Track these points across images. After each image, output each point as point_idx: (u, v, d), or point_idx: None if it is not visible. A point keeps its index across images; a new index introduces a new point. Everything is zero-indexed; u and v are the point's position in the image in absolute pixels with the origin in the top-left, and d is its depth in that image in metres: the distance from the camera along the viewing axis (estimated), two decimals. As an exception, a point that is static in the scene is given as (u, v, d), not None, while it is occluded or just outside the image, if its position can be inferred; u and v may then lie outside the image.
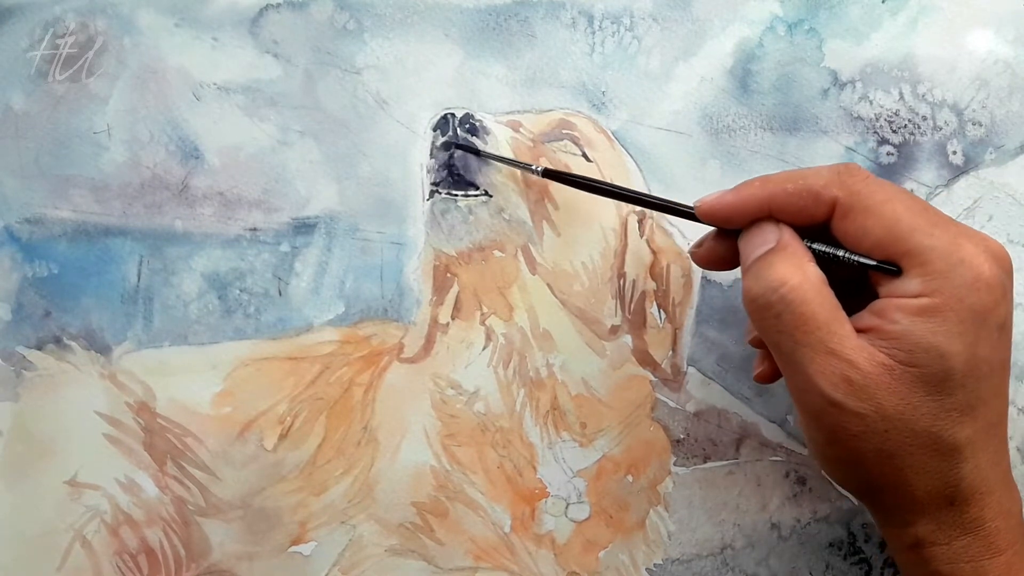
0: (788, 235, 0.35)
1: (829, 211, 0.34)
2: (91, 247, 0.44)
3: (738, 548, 0.44)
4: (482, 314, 0.44)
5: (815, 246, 0.35)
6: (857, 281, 0.35)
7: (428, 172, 0.44)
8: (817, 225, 0.35)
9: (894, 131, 0.45)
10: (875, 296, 0.34)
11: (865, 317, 0.34)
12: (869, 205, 0.33)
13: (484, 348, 0.44)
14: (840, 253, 0.35)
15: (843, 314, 0.33)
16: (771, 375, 0.39)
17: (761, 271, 0.34)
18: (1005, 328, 0.33)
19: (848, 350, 0.32)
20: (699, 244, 0.39)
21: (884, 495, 0.35)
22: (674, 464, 0.44)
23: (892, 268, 0.33)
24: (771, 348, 0.35)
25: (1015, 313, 0.44)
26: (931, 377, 0.32)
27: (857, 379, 0.32)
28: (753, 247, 0.35)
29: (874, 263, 0.34)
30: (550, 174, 0.41)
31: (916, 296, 0.32)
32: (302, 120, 0.44)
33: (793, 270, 0.34)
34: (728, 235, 0.37)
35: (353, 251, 0.44)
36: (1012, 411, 0.45)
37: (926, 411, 0.32)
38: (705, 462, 0.44)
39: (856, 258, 0.34)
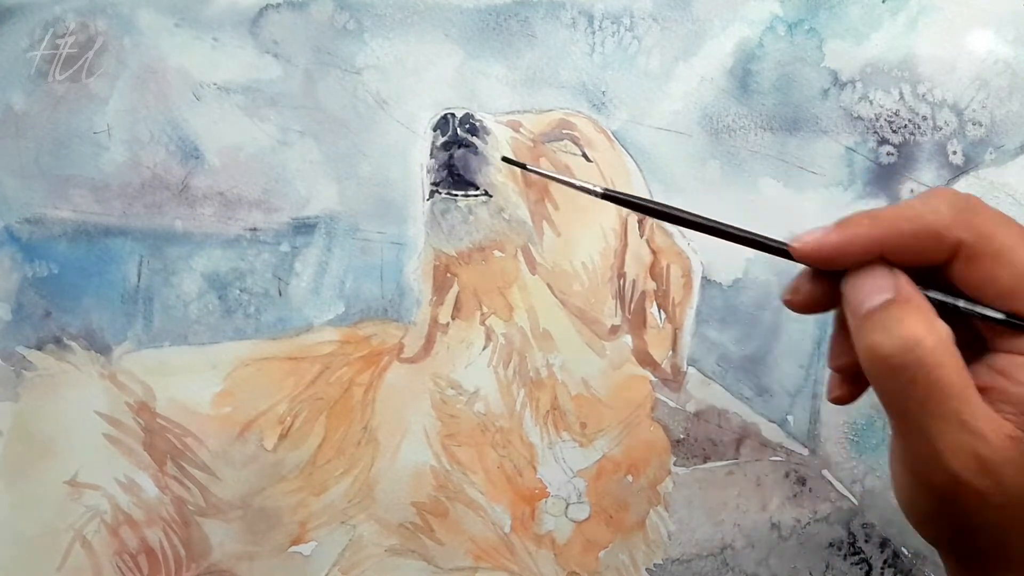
0: (906, 284, 0.31)
1: (951, 254, 0.31)
2: (91, 247, 0.44)
3: (738, 548, 0.44)
4: (482, 314, 0.44)
5: (931, 294, 0.31)
6: (961, 329, 0.32)
7: (428, 172, 0.44)
8: (930, 267, 0.32)
9: (894, 131, 0.45)
10: (980, 347, 0.32)
11: (983, 373, 0.31)
12: (999, 250, 0.30)
13: (484, 348, 0.44)
14: (960, 303, 0.31)
15: (970, 377, 0.30)
16: (849, 398, 0.35)
17: (890, 325, 0.30)
18: None
19: (982, 423, 0.29)
20: (794, 291, 0.34)
21: (975, 556, 0.33)
22: (674, 464, 0.44)
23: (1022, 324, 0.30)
24: (894, 412, 0.32)
25: None
26: None
27: (987, 455, 0.29)
28: (866, 295, 0.31)
29: (1002, 317, 0.30)
30: (611, 197, 0.33)
31: None
32: (302, 120, 0.44)
33: (926, 328, 0.30)
34: (826, 275, 0.33)
35: (353, 251, 0.44)
36: (1012, 411, 0.45)
37: None
38: (705, 462, 0.44)
39: (982, 311, 0.31)
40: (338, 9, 0.44)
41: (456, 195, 0.43)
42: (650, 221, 0.45)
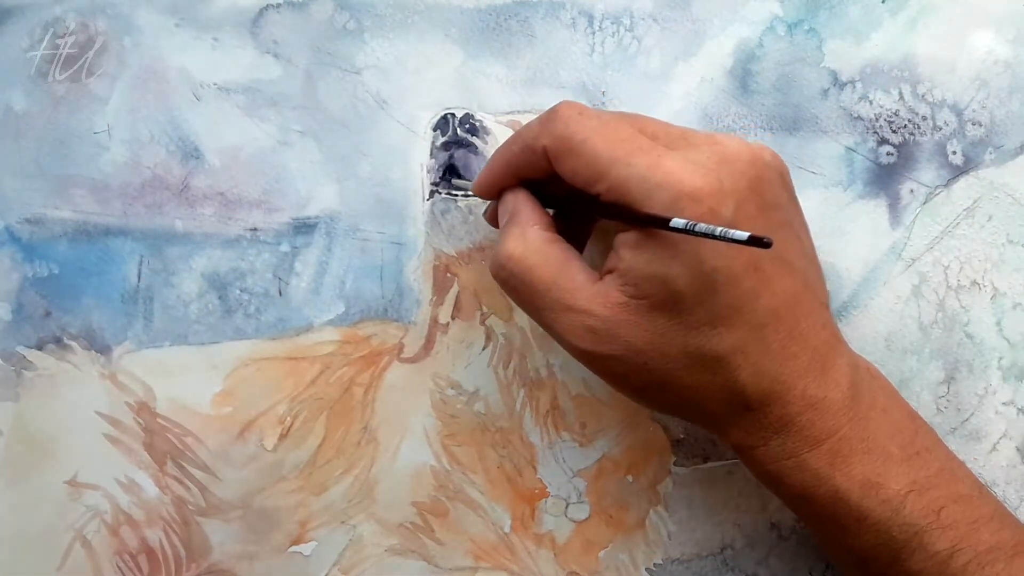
0: (521, 202, 0.36)
1: (547, 160, 0.34)
2: (91, 247, 0.44)
3: (738, 548, 0.44)
4: (482, 314, 0.44)
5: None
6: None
7: (428, 172, 0.44)
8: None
9: (894, 131, 0.45)
10: None
11: (610, 258, 0.34)
12: (572, 146, 0.33)
13: (484, 348, 0.44)
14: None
15: (574, 267, 0.34)
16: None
17: (496, 248, 0.35)
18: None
19: (582, 301, 0.33)
20: (489, 215, 0.40)
21: (686, 414, 0.36)
22: (674, 464, 0.44)
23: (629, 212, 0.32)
24: (530, 317, 0.37)
25: (1014, 313, 0.44)
26: (663, 303, 0.32)
27: (598, 325, 0.33)
28: (501, 218, 0.37)
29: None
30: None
31: (629, 229, 0.33)
32: (302, 120, 0.44)
33: (515, 242, 0.34)
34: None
35: (353, 251, 0.44)
36: (1011, 411, 0.45)
37: (672, 335, 0.32)
38: (705, 462, 0.44)
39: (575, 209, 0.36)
40: (338, 9, 0.44)
41: (456, 195, 0.43)
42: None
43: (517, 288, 0.35)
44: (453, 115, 0.44)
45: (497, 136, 0.43)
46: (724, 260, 0.32)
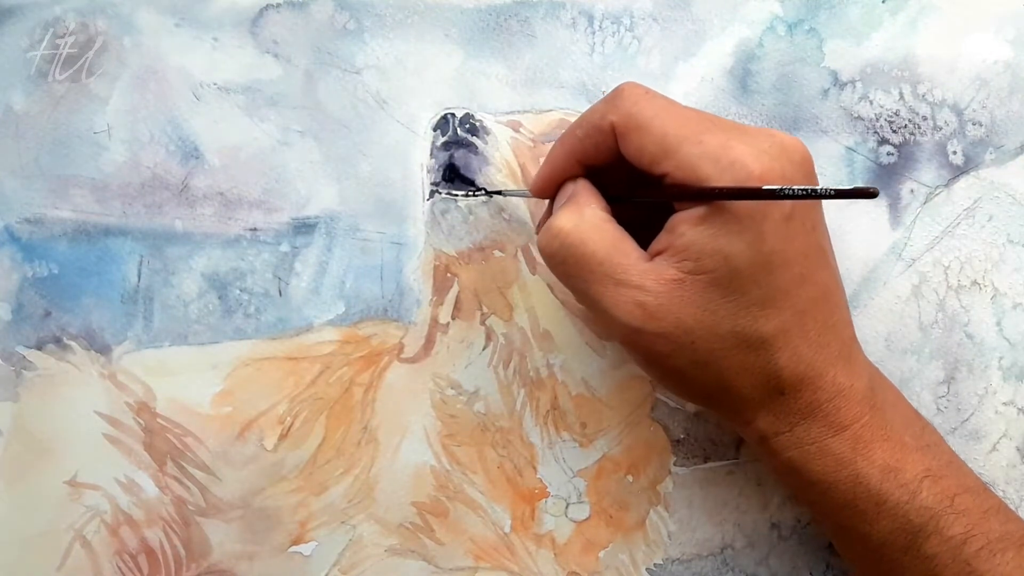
0: (580, 188, 0.36)
1: (614, 139, 0.35)
2: (91, 247, 0.44)
3: (738, 548, 0.44)
4: (482, 314, 0.44)
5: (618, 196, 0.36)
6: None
7: (428, 172, 0.44)
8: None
9: (894, 131, 0.45)
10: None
11: (661, 238, 0.34)
12: (640, 123, 0.33)
13: (484, 348, 0.44)
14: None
15: (628, 244, 0.34)
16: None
17: (547, 225, 0.35)
18: (794, 218, 0.33)
19: (634, 276, 0.33)
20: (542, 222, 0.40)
21: (716, 400, 0.36)
22: (674, 464, 0.44)
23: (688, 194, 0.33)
24: (573, 293, 0.37)
25: (1014, 313, 0.44)
26: (720, 280, 0.32)
27: (649, 301, 0.33)
28: (557, 208, 0.37)
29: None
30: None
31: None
32: (302, 120, 0.44)
33: (569, 216, 0.35)
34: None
35: (353, 251, 0.44)
36: (1011, 411, 0.45)
37: (724, 313, 0.33)
38: (705, 462, 0.44)
39: (638, 198, 0.36)
40: (338, 9, 0.44)
41: (456, 195, 0.43)
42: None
43: (566, 260, 0.35)
44: (453, 115, 0.44)
45: (497, 136, 0.43)
46: (782, 243, 0.33)
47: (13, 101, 0.44)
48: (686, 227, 0.33)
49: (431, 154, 0.44)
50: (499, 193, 0.43)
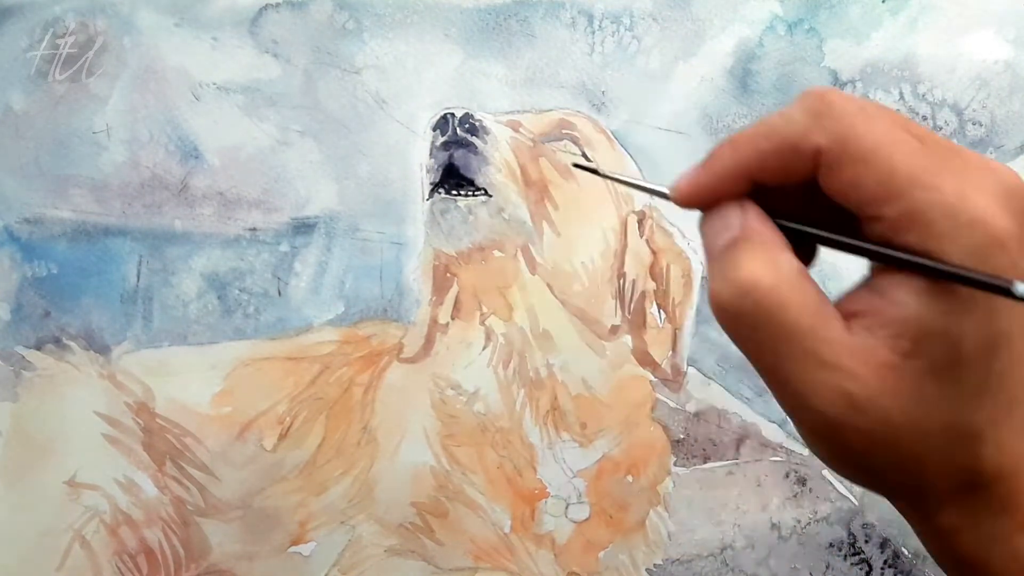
0: (754, 219, 0.29)
1: (814, 164, 0.28)
2: (91, 247, 0.44)
3: (738, 548, 0.44)
4: (482, 314, 0.44)
5: (792, 225, 0.29)
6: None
7: (428, 172, 0.44)
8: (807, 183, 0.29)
9: (894, 131, 0.45)
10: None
11: (862, 298, 0.28)
12: (859, 152, 0.27)
13: (484, 348, 0.44)
14: (824, 234, 0.29)
15: (831, 309, 0.28)
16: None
17: (728, 271, 0.28)
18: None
19: (844, 358, 0.27)
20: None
21: (902, 495, 0.32)
22: (674, 464, 0.44)
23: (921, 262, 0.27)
24: (753, 362, 0.30)
25: None
26: (943, 367, 0.27)
27: (858, 391, 0.27)
28: (715, 236, 0.30)
29: (871, 247, 0.28)
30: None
31: None
32: (302, 120, 0.44)
33: (764, 267, 0.28)
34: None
35: (353, 251, 0.44)
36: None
37: (939, 407, 0.28)
38: (705, 462, 0.44)
39: (838, 238, 0.29)
40: (338, 9, 0.44)
41: (456, 195, 0.43)
42: (650, 222, 0.45)
43: (758, 326, 0.28)
44: (453, 115, 0.44)
45: (497, 136, 0.43)
46: (1011, 319, 0.27)
47: (13, 101, 0.44)
48: (907, 297, 0.27)
49: (431, 154, 0.44)
50: (634, 186, 0.33)
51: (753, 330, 0.28)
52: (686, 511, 0.44)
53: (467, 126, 0.43)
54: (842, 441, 0.28)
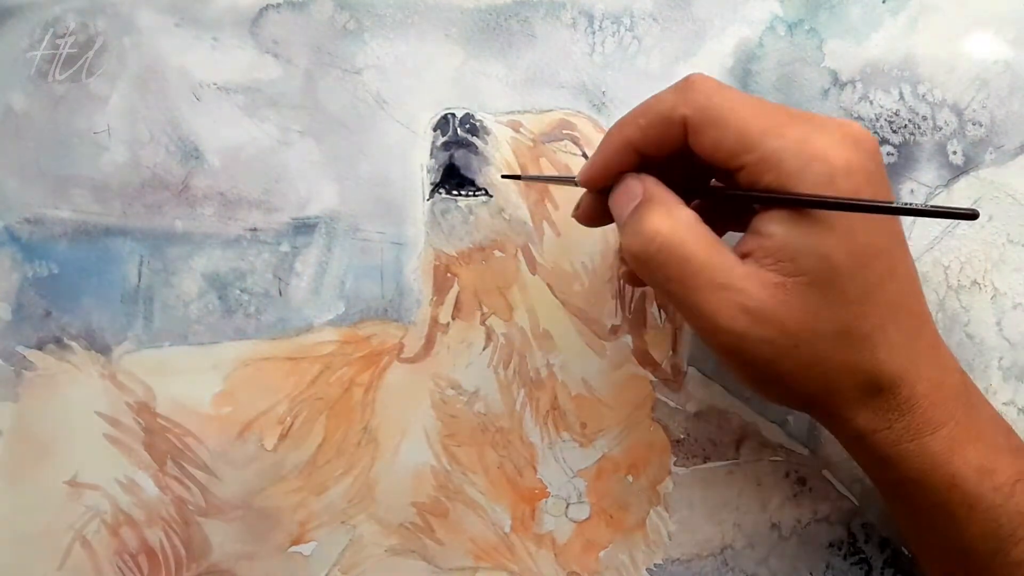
0: (651, 184, 0.35)
1: (683, 131, 0.33)
2: (91, 247, 0.44)
3: (738, 548, 0.44)
4: (482, 314, 0.44)
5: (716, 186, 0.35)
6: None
7: (428, 172, 0.44)
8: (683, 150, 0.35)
9: (894, 131, 0.45)
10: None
11: (747, 240, 0.33)
12: (716, 116, 0.33)
13: (484, 348, 0.44)
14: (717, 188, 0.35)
15: (724, 246, 0.33)
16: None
17: (635, 227, 0.34)
18: None
19: (737, 279, 0.32)
20: (577, 207, 0.39)
21: (816, 402, 0.35)
22: (674, 464, 0.44)
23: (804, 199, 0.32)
24: (668, 300, 0.35)
25: (1014, 313, 0.44)
26: (819, 279, 0.32)
27: (753, 305, 0.32)
28: (622, 205, 0.35)
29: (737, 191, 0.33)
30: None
31: None
32: (302, 120, 0.44)
33: (662, 218, 0.33)
34: (602, 191, 0.37)
35: (353, 251, 0.44)
36: (1012, 412, 0.45)
37: (826, 314, 0.32)
38: (705, 462, 0.44)
39: (717, 188, 0.35)
40: (338, 9, 0.44)
41: (456, 195, 0.43)
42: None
43: (666, 264, 0.33)
44: (453, 115, 0.44)
45: (497, 136, 0.43)
46: (873, 235, 0.32)
47: (13, 101, 0.44)
48: (776, 227, 0.32)
49: (431, 154, 0.44)
50: (541, 179, 0.42)
51: (662, 268, 0.33)
52: (686, 511, 0.44)
53: (468, 126, 0.43)
54: (751, 352, 0.33)
